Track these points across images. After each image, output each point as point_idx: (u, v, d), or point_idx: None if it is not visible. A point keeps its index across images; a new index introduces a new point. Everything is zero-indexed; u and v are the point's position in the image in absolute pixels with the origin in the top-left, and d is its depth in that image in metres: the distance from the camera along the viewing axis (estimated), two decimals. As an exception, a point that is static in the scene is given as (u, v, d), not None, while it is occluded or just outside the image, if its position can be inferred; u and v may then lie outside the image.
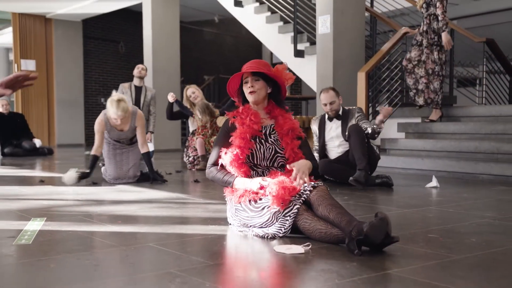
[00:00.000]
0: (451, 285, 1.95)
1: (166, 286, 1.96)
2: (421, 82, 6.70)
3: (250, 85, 2.93)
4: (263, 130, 2.97)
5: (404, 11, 8.82)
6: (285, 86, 3.04)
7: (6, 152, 9.15)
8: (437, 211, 3.66)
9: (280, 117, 3.00)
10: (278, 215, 2.67)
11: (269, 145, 2.93)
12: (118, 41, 13.58)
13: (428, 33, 6.61)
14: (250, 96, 2.95)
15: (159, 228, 3.06)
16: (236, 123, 2.95)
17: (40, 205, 3.92)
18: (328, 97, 5.05)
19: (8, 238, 2.79)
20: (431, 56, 6.62)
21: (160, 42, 10.29)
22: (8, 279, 2.16)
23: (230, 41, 15.05)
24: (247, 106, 3.00)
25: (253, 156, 2.92)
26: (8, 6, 11.79)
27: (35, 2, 10.96)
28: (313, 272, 2.17)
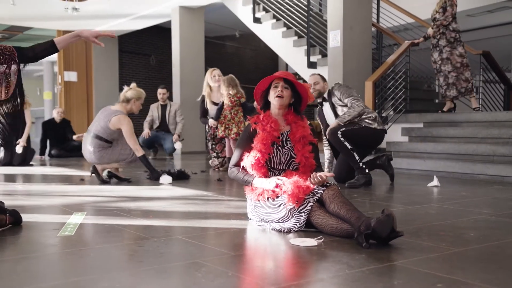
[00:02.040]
0: (452, 276, 1.93)
1: (193, 275, 1.97)
2: (451, 76, 6.84)
3: (280, 90, 2.94)
4: (280, 137, 2.97)
5: (408, 26, 8.77)
6: (305, 104, 3.06)
7: (53, 153, 9.27)
8: (438, 208, 3.62)
9: (294, 124, 3.00)
10: (293, 212, 2.67)
11: (285, 150, 2.94)
12: (149, 55, 13.66)
13: (446, 34, 6.73)
14: (276, 99, 2.95)
15: (186, 222, 3.07)
16: (257, 129, 2.96)
17: (80, 201, 3.96)
18: (312, 79, 5.03)
19: (53, 230, 2.82)
20: (455, 51, 6.76)
21: (187, 55, 10.34)
22: (53, 266, 2.19)
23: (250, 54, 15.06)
24: (268, 113, 3.00)
25: (270, 160, 2.93)
26: (54, 25, 11.94)
27: (77, 20, 11.07)
28: (325, 263, 2.16)
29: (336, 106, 4.92)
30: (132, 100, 5.22)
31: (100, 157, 5.14)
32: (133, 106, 5.24)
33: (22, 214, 3.05)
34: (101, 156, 5.14)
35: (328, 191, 2.67)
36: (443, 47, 6.81)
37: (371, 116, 4.85)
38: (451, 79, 6.85)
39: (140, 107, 5.33)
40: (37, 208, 3.66)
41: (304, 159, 2.92)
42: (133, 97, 5.22)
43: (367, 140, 4.89)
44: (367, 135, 4.83)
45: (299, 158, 2.93)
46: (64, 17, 10.40)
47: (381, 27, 8.36)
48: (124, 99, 5.24)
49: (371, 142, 4.97)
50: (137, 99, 5.24)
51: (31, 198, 4.15)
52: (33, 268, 2.12)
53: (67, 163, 7.91)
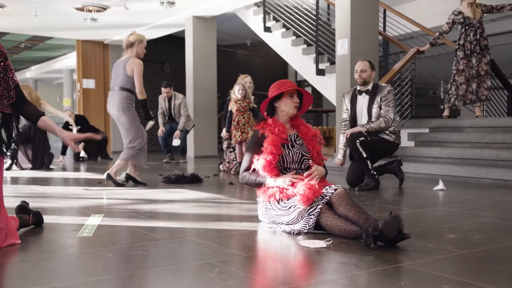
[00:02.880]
0: (458, 277, 1.91)
1: (206, 275, 1.97)
2: (462, 88, 6.81)
3: (297, 101, 3.01)
4: (290, 138, 3.01)
5: (413, 34, 8.74)
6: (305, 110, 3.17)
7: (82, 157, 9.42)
8: (443, 211, 3.59)
9: (302, 126, 3.07)
10: (303, 214, 2.66)
11: (296, 150, 2.96)
12: (164, 62, 13.72)
13: (480, 41, 6.70)
14: (293, 109, 3.02)
15: (199, 224, 3.07)
16: (266, 133, 2.97)
17: (98, 203, 3.98)
18: (361, 65, 4.79)
19: (72, 231, 2.84)
20: (484, 59, 6.73)
21: (200, 63, 10.38)
22: (72, 266, 2.20)
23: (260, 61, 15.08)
24: (274, 118, 3.02)
25: (283, 160, 2.94)
26: (73, 34, 12.05)
27: (95, 30, 11.16)
28: (334, 264, 2.15)
29: (374, 103, 4.75)
30: (135, 43, 5.24)
31: (128, 118, 5.08)
32: (138, 49, 5.26)
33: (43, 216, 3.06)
34: (129, 118, 5.09)
35: (336, 194, 2.66)
36: (477, 53, 6.74)
37: (392, 130, 4.80)
38: (461, 91, 6.83)
39: (144, 50, 5.33)
40: (57, 210, 3.69)
41: (319, 156, 2.99)
42: (136, 40, 5.25)
43: (382, 151, 4.88)
44: (382, 147, 4.81)
45: (315, 155, 2.98)
46: (83, 27, 10.49)
47: (387, 36, 8.34)
48: (128, 43, 5.26)
49: (385, 153, 4.97)
50: (139, 41, 5.27)
51: (51, 200, 4.17)
52: (54, 268, 2.13)
53: (85, 167, 7.95)
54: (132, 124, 5.11)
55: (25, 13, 9.05)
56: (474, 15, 6.69)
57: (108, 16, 9.67)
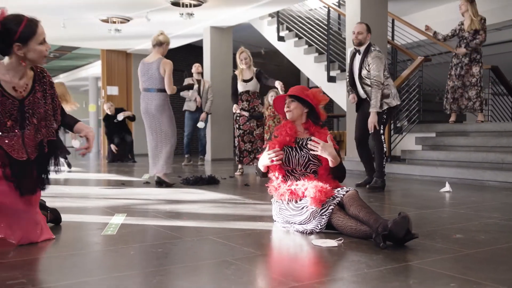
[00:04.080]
0: (464, 276, 1.89)
1: (223, 272, 1.97)
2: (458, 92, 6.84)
3: (287, 105, 3.00)
4: (299, 142, 2.96)
5: (420, 43, 8.68)
6: (319, 106, 3.02)
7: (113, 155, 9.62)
8: (450, 212, 3.56)
9: (317, 133, 2.99)
10: (315, 214, 2.65)
11: (304, 153, 2.91)
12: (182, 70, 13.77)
13: (472, 53, 6.70)
14: (287, 114, 3.00)
15: (216, 224, 3.07)
16: (275, 134, 2.98)
17: (122, 203, 4.00)
18: (358, 27, 4.89)
19: (97, 230, 2.86)
20: (470, 70, 6.72)
21: (217, 70, 10.41)
22: (97, 263, 2.22)
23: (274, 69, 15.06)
24: (288, 121, 3.02)
25: (289, 161, 2.92)
26: (98, 44, 12.17)
27: (119, 40, 11.25)
28: (345, 262, 2.14)
29: (363, 65, 4.80)
30: (164, 44, 5.28)
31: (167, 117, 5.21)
32: (164, 50, 5.31)
33: (69, 215, 3.10)
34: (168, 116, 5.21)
35: (348, 195, 2.65)
36: (465, 64, 6.75)
37: (391, 93, 4.83)
38: (457, 94, 6.84)
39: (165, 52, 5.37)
40: (83, 209, 3.72)
41: (325, 162, 2.87)
42: (165, 41, 5.29)
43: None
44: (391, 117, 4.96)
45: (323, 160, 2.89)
46: (108, 37, 10.59)
47: (396, 44, 8.28)
48: (158, 42, 5.27)
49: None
50: (167, 43, 5.32)
51: (77, 200, 4.21)
52: (80, 264, 2.15)
53: (110, 169, 8.02)
54: (170, 122, 5.25)
55: (54, 25, 9.17)
56: (467, 26, 6.67)
57: (131, 27, 9.76)
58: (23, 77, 2.49)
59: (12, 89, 2.45)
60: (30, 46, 2.41)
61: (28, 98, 2.49)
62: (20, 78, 2.48)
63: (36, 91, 2.53)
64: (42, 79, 2.58)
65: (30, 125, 2.48)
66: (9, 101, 2.43)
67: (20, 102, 2.47)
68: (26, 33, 2.39)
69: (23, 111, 2.46)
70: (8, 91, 2.44)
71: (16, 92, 2.46)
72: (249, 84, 6.46)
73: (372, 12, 7.00)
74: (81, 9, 8.55)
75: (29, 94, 2.50)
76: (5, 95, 2.43)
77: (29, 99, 2.50)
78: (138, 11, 8.75)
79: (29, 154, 2.47)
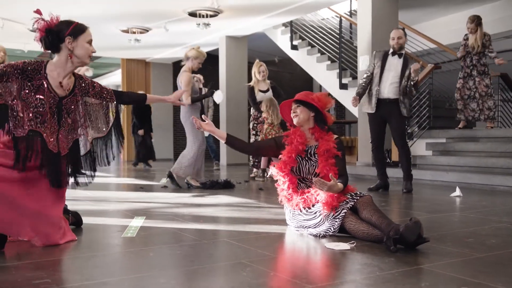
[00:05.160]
0: (475, 279, 1.86)
1: (239, 273, 1.97)
2: (459, 104, 6.85)
3: (293, 111, 2.97)
4: (308, 150, 2.89)
5: (430, 51, 8.61)
6: (324, 109, 2.93)
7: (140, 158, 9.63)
8: (460, 216, 3.51)
9: (321, 139, 2.89)
10: (328, 217, 2.63)
11: (313, 162, 2.86)
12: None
13: (477, 66, 6.67)
14: (294, 119, 2.97)
15: (232, 227, 3.07)
16: (286, 142, 2.93)
17: (141, 206, 4.02)
18: (397, 33, 5.00)
19: (117, 232, 2.88)
20: (482, 82, 6.67)
21: (232, 78, 10.45)
22: (118, 264, 2.23)
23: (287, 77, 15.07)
24: (297, 128, 2.98)
25: (300, 170, 2.88)
26: (119, 54, 12.30)
27: (138, 50, 11.36)
28: (358, 265, 2.12)
29: (406, 70, 4.88)
30: (190, 58, 5.36)
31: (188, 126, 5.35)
32: (191, 64, 5.38)
33: (90, 218, 3.12)
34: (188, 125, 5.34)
35: (362, 199, 2.63)
36: (475, 76, 6.72)
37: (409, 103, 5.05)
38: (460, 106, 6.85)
39: (199, 66, 5.43)
40: (104, 212, 3.75)
41: (325, 170, 2.77)
42: (191, 55, 5.35)
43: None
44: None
45: (320, 169, 2.80)
46: (128, 47, 10.71)
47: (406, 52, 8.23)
48: (185, 57, 5.42)
49: None
50: (194, 58, 5.36)
51: (99, 203, 4.24)
52: (102, 265, 2.17)
53: (129, 174, 8.08)
54: (191, 131, 5.36)
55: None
56: (472, 44, 6.66)
57: (150, 37, 9.84)
58: (68, 77, 2.61)
59: (58, 85, 2.57)
60: (79, 41, 2.57)
61: (66, 98, 2.60)
62: (65, 77, 2.59)
63: (75, 94, 2.64)
64: (81, 84, 2.70)
65: (65, 124, 2.59)
66: (51, 95, 2.54)
67: (59, 100, 2.57)
68: (77, 29, 2.59)
69: (60, 109, 2.57)
70: (53, 86, 2.56)
71: (60, 89, 2.57)
72: (267, 95, 6.59)
73: (383, 21, 6.97)
74: (103, 20, 8.66)
75: (68, 95, 2.61)
76: (50, 89, 2.54)
77: (67, 99, 2.61)
78: (156, 22, 8.83)
79: (61, 150, 2.56)
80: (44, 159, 2.48)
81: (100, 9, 7.98)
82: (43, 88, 2.51)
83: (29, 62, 2.52)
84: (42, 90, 2.50)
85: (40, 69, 2.52)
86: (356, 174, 6.80)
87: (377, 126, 5.03)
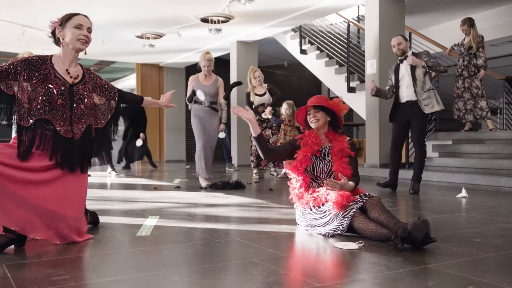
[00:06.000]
0: (481, 278, 1.84)
1: (250, 272, 1.97)
2: (469, 103, 6.74)
3: (312, 116, 2.95)
4: (322, 151, 2.93)
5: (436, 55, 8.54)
6: (341, 115, 3.00)
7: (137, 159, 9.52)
8: (467, 216, 3.48)
9: (335, 140, 2.95)
10: (337, 216, 2.63)
11: (327, 162, 2.89)
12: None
13: (469, 67, 6.66)
14: (312, 123, 2.96)
15: (243, 226, 3.07)
16: (301, 144, 2.95)
17: (154, 206, 4.04)
18: (396, 39, 4.96)
19: (132, 231, 2.89)
20: (473, 83, 6.66)
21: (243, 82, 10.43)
22: (133, 261, 2.24)
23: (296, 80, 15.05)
24: (311, 130, 3.00)
25: (313, 169, 2.90)
26: (133, 58, 12.37)
27: (152, 55, 11.42)
28: (366, 264, 2.11)
29: (417, 67, 4.84)
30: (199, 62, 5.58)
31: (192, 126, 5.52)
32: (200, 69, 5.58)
33: (107, 217, 3.14)
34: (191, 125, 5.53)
35: (371, 200, 2.62)
36: (466, 77, 6.72)
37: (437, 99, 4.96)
38: (469, 105, 6.75)
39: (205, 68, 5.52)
40: (119, 212, 3.77)
41: (341, 168, 2.82)
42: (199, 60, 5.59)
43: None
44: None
45: (335, 167, 2.85)
46: (142, 52, 10.76)
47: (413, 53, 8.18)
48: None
49: None
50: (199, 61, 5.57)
51: (114, 203, 4.27)
52: (118, 262, 2.18)
53: (142, 175, 8.12)
54: (194, 130, 5.49)
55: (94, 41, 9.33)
56: (468, 43, 6.68)
57: (164, 42, 9.89)
58: (73, 64, 2.68)
59: (65, 72, 2.63)
60: (66, 28, 2.62)
61: (78, 85, 2.66)
62: (70, 64, 2.66)
63: (86, 82, 2.70)
64: (90, 74, 2.77)
65: (77, 109, 2.63)
66: (61, 82, 2.60)
67: (71, 86, 2.63)
68: (65, 18, 2.65)
69: (72, 95, 2.62)
70: (61, 73, 2.61)
71: (68, 76, 2.63)
72: (264, 98, 6.68)
73: (390, 26, 6.94)
74: (118, 26, 8.72)
75: (79, 82, 2.67)
76: (58, 77, 2.60)
77: (79, 86, 2.66)
78: (170, 28, 8.87)
79: (75, 134, 2.61)
80: (54, 144, 2.53)
81: (116, 16, 8.04)
82: (50, 76, 2.57)
83: (35, 55, 2.62)
84: (50, 78, 2.57)
85: (46, 60, 2.61)
86: (364, 175, 6.77)
87: (399, 127, 5.02)
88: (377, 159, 6.84)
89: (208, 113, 5.47)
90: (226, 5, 7.45)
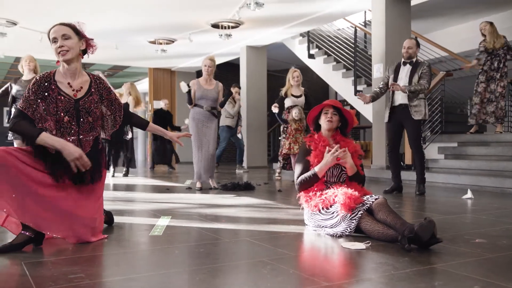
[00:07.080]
0: (487, 278, 1.83)
1: (260, 271, 1.97)
2: (475, 108, 6.73)
3: (330, 116, 2.94)
4: None
5: (442, 59, 8.50)
6: (351, 125, 3.05)
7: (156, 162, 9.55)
8: (472, 217, 3.45)
9: (342, 142, 2.96)
10: (345, 218, 2.62)
11: (336, 164, 2.89)
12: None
13: (502, 68, 6.59)
14: (327, 123, 2.95)
15: (253, 227, 3.07)
16: (311, 147, 2.95)
17: (167, 207, 4.06)
18: (409, 42, 4.96)
19: (145, 230, 2.90)
20: (501, 83, 6.61)
21: (252, 86, 10.47)
22: (146, 260, 2.25)
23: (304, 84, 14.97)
24: (320, 133, 3.00)
25: (325, 174, 2.88)
26: (146, 63, 12.45)
27: (164, 59, 11.49)
28: (373, 264, 2.10)
29: (415, 74, 4.85)
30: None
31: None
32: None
33: (121, 217, 3.15)
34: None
35: (377, 202, 2.61)
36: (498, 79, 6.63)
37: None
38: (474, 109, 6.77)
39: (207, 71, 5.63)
40: (132, 212, 3.79)
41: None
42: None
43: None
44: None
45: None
46: (155, 57, 10.82)
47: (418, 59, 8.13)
48: None
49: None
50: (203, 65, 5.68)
51: (128, 204, 4.29)
52: (132, 261, 2.19)
53: (155, 176, 8.15)
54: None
55: (108, 47, 9.44)
56: (493, 44, 6.56)
57: (175, 47, 9.94)
58: (76, 76, 2.61)
59: (67, 86, 2.57)
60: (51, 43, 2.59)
61: (83, 99, 2.60)
62: (71, 77, 2.60)
63: (92, 93, 2.64)
64: (99, 84, 2.69)
65: (85, 123, 2.59)
66: (65, 99, 2.55)
67: (76, 101, 2.58)
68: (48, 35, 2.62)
69: (78, 109, 2.57)
70: (64, 89, 2.57)
71: (70, 89, 2.57)
72: (299, 100, 6.61)
73: (396, 31, 6.91)
74: (131, 32, 8.78)
75: (85, 95, 2.61)
76: (61, 94, 2.55)
77: (85, 99, 2.60)
78: (181, 33, 8.91)
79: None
80: (64, 161, 2.47)
81: (130, 22, 8.10)
82: (55, 95, 2.52)
83: (40, 77, 2.55)
84: (55, 97, 2.52)
85: (49, 79, 2.55)
86: (371, 176, 6.74)
87: (392, 131, 5.01)
88: (384, 160, 6.80)
89: (207, 118, 5.44)
90: (236, 11, 7.47)
